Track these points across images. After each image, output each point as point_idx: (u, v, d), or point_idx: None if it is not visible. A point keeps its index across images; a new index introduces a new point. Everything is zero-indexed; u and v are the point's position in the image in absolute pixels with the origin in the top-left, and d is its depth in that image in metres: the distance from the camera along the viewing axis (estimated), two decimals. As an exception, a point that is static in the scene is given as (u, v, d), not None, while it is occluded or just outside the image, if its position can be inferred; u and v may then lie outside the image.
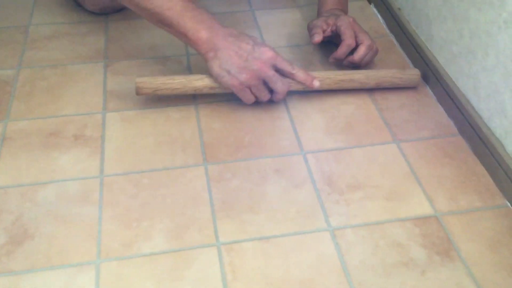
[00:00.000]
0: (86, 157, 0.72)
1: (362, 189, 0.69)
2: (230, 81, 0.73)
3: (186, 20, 0.72)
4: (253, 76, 0.73)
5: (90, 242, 0.62)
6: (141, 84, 0.75)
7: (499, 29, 0.67)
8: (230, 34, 0.74)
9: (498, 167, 0.69)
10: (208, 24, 0.73)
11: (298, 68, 0.76)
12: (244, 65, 0.72)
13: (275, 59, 0.74)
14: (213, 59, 0.73)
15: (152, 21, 0.75)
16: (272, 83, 0.74)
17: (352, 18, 0.86)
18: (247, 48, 0.73)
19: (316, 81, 0.77)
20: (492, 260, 0.61)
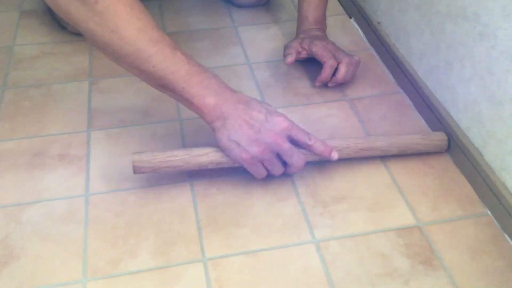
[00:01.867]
0: (71, 176, 0.72)
1: (346, 201, 0.70)
2: (240, 154, 0.64)
3: (191, 85, 0.63)
4: (266, 149, 0.64)
5: (76, 261, 0.62)
6: (139, 163, 0.66)
7: (474, 41, 0.69)
8: (239, 101, 0.65)
9: (477, 176, 0.70)
10: (215, 89, 0.65)
11: (316, 138, 0.68)
12: (256, 137, 0.64)
13: (290, 129, 0.65)
14: (221, 129, 0.64)
15: (153, 84, 0.65)
16: (287, 156, 0.66)
17: (325, 41, 0.88)
18: (259, 118, 0.64)
19: (335, 153, 0.68)
20: (474, 268, 0.62)
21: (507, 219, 0.66)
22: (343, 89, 0.89)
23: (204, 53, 0.96)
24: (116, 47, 0.60)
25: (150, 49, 0.61)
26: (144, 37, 0.60)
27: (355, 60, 0.87)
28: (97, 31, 0.59)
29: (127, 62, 0.62)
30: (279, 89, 0.89)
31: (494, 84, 0.66)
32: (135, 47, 0.60)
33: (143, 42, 0.60)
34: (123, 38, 0.60)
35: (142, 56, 0.61)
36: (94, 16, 0.58)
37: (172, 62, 0.62)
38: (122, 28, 0.59)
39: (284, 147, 0.65)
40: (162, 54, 0.62)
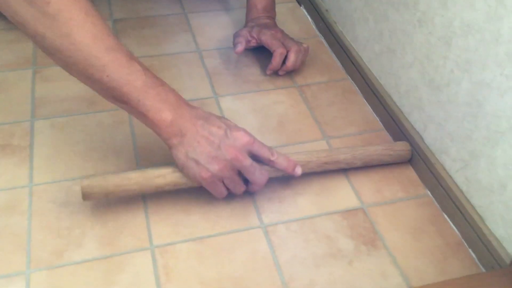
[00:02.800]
0: (14, 167, 0.70)
1: (293, 186, 0.72)
2: (199, 173, 0.61)
3: (147, 97, 0.59)
4: (226, 167, 0.61)
5: (20, 252, 0.61)
6: (88, 189, 0.61)
7: (414, 28, 0.71)
8: (198, 116, 0.62)
9: (418, 159, 0.73)
10: (173, 103, 0.61)
11: (278, 154, 0.65)
12: (215, 154, 0.60)
13: (251, 144, 0.62)
14: (178, 146, 0.61)
15: (106, 95, 0.60)
16: (249, 173, 0.63)
17: (274, 29, 0.89)
18: (219, 133, 0.61)
19: (298, 168, 0.66)
20: (415, 248, 0.65)
21: (446, 200, 0.68)
22: (292, 76, 0.90)
23: (153, 41, 0.95)
24: (67, 53, 0.55)
25: (105, 57, 0.56)
26: (99, 44, 0.56)
27: (304, 47, 0.89)
28: (48, 35, 0.54)
29: (78, 70, 0.57)
30: (229, 76, 0.90)
31: (432, 69, 0.68)
32: (89, 54, 0.56)
33: (97, 49, 0.56)
34: (75, 44, 0.55)
35: (95, 64, 0.56)
36: (45, 19, 0.53)
37: (127, 72, 0.58)
38: (75, 33, 0.54)
39: (246, 164, 0.62)
40: (118, 63, 0.57)
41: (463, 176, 0.66)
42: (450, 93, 0.66)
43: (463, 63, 0.62)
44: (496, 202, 0.61)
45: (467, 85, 0.62)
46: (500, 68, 0.57)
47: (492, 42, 0.57)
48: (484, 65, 0.59)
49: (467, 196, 0.66)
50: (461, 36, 0.62)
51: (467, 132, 0.64)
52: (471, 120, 0.63)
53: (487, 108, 0.60)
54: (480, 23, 0.58)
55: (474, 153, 0.63)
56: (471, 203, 0.65)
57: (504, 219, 0.60)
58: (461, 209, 0.66)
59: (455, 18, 0.62)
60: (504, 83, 0.56)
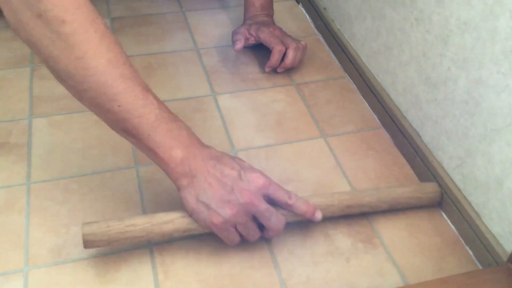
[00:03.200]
0: (12, 165, 0.71)
1: (291, 183, 0.72)
2: (210, 218, 0.56)
3: (159, 133, 0.55)
4: (240, 212, 0.56)
5: (18, 250, 0.61)
6: (90, 237, 0.56)
7: (411, 26, 0.71)
8: (211, 156, 0.58)
9: (416, 157, 0.73)
10: (185, 141, 0.57)
11: (296, 197, 0.60)
12: (228, 198, 0.56)
13: (267, 187, 0.58)
14: (188, 188, 0.56)
15: (115, 127, 0.57)
16: (265, 219, 0.58)
17: (272, 27, 0.89)
18: (232, 175, 0.56)
19: (318, 213, 0.61)
20: (411, 245, 0.65)
21: (443, 197, 0.68)
22: (290, 74, 0.90)
23: (151, 39, 0.95)
24: (79, 79, 0.52)
25: (119, 86, 0.53)
26: (114, 71, 0.53)
27: (302, 45, 0.89)
28: (61, 58, 0.51)
29: (90, 98, 0.54)
30: (227, 74, 0.90)
31: (429, 67, 0.68)
32: (102, 80, 0.52)
33: (111, 76, 0.53)
34: (89, 69, 0.51)
35: (107, 92, 0.53)
36: (59, 40, 0.50)
37: (141, 104, 0.54)
38: (89, 57, 0.51)
39: (261, 208, 0.57)
40: (131, 94, 0.54)
41: (460, 173, 0.66)
42: (447, 91, 0.66)
43: (460, 61, 0.62)
44: (493, 199, 0.61)
45: (463, 83, 0.63)
46: (496, 66, 0.57)
47: (488, 40, 0.57)
48: (480, 63, 0.59)
49: (464, 193, 0.66)
50: (457, 34, 0.62)
51: (464, 130, 0.64)
52: (467, 118, 0.63)
53: (484, 106, 0.60)
54: (477, 21, 0.59)
55: (470, 151, 0.63)
56: (468, 200, 0.65)
57: (501, 216, 0.60)
58: (458, 206, 0.66)
59: (451, 16, 0.63)
60: (500, 81, 0.57)
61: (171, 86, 0.85)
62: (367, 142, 0.78)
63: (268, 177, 0.59)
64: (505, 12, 0.55)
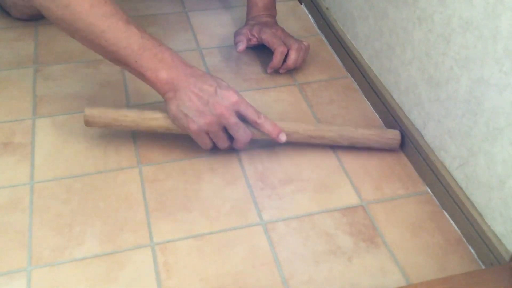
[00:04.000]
0: (15, 165, 0.71)
1: (293, 183, 0.72)
2: (187, 124, 0.66)
3: (144, 59, 0.65)
4: (212, 122, 0.66)
5: (21, 249, 0.62)
6: (91, 118, 0.69)
7: (414, 26, 0.71)
8: (192, 74, 0.67)
9: (418, 156, 0.73)
10: (169, 63, 0.66)
11: (265, 117, 0.69)
12: (203, 109, 0.65)
13: (239, 104, 0.67)
14: (172, 99, 0.66)
15: (109, 58, 0.67)
16: (233, 131, 0.68)
17: (274, 28, 0.89)
18: (209, 90, 0.66)
19: (282, 135, 0.70)
20: (414, 244, 0.65)
21: (446, 196, 0.68)
22: (292, 74, 0.90)
23: (153, 39, 0.95)
24: (69, 22, 0.63)
25: (103, 24, 0.63)
26: (97, 11, 0.62)
27: (305, 45, 0.89)
28: (52, 7, 0.62)
29: (81, 36, 0.64)
30: (229, 74, 0.90)
31: (431, 66, 0.68)
32: (87, 22, 0.62)
33: (95, 16, 0.62)
34: (75, 13, 0.62)
35: (94, 31, 0.63)
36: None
37: (124, 36, 0.64)
38: (74, 4, 0.61)
39: (231, 121, 0.67)
40: (115, 29, 0.63)
41: (463, 173, 0.66)
42: (449, 90, 0.66)
43: (462, 60, 0.62)
44: (495, 198, 0.61)
45: (466, 82, 0.62)
46: (498, 65, 0.57)
47: (490, 39, 0.57)
48: (483, 62, 0.59)
49: (466, 193, 0.66)
50: (460, 33, 0.62)
51: (466, 129, 0.64)
52: (470, 117, 0.63)
53: (486, 105, 0.60)
54: (479, 20, 0.59)
55: (473, 150, 0.63)
56: (470, 200, 0.65)
57: (503, 215, 0.60)
58: (460, 206, 0.66)
59: (454, 15, 0.63)
60: (502, 79, 0.57)
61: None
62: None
63: (242, 96, 0.68)
64: (507, 11, 0.54)
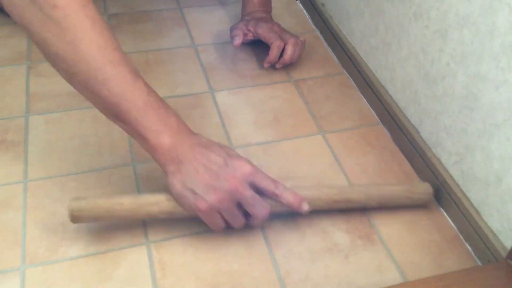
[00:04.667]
0: (8, 163, 0.70)
1: (290, 180, 0.71)
2: (195, 203, 0.56)
3: (147, 118, 0.56)
4: (225, 198, 0.56)
5: (14, 248, 0.61)
6: (77, 213, 0.58)
7: (410, 22, 0.71)
8: (198, 143, 0.58)
9: (415, 153, 0.73)
10: (174, 128, 0.57)
11: (283, 186, 0.60)
12: (214, 184, 0.56)
13: (253, 175, 0.58)
14: (175, 173, 0.56)
15: (105, 112, 0.57)
16: (250, 206, 0.58)
17: (270, 23, 0.88)
18: (219, 161, 0.57)
19: (305, 204, 0.60)
20: (411, 242, 0.65)
21: (442, 193, 0.68)
22: (288, 71, 0.90)
23: (148, 36, 0.95)
24: (70, 62, 0.53)
25: (108, 71, 0.54)
26: (104, 55, 0.53)
27: (301, 40, 0.88)
28: (52, 41, 0.51)
29: (80, 81, 0.54)
30: (224, 71, 0.89)
31: (428, 63, 0.68)
32: (92, 65, 0.53)
33: (101, 60, 0.53)
34: (79, 53, 0.52)
35: (97, 77, 0.53)
36: (50, 24, 0.51)
37: (130, 89, 0.55)
38: (80, 41, 0.52)
39: (246, 195, 0.57)
40: (121, 79, 0.54)
41: (459, 169, 0.66)
42: (446, 87, 0.65)
43: (459, 56, 0.62)
44: (492, 195, 0.61)
45: (462, 78, 0.62)
46: (495, 61, 0.56)
47: (487, 35, 0.57)
48: (479, 58, 0.59)
49: (463, 189, 0.66)
50: (456, 29, 0.62)
51: (463, 126, 0.64)
52: (466, 113, 0.63)
53: (483, 101, 0.59)
54: (475, 15, 0.58)
55: (469, 147, 0.63)
56: (467, 196, 0.65)
57: (500, 212, 0.60)
58: (457, 202, 0.66)
59: (450, 11, 0.62)
60: (499, 75, 0.56)
61: (168, 83, 0.85)
62: (365, 139, 0.78)
63: (255, 165, 0.59)
64: (504, 7, 0.54)
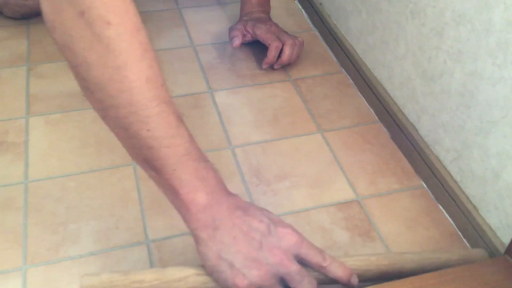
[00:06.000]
0: (9, 164, 0.71)
1: (288, 178, 0.72)
2: (232, 279, 0.47)
3: (185, 170, 0.48)
4: (268, 273, 0.47)
5: (16, 248, 0.61)
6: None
7: (407, 20, 0.71)
8: (237, 206, 0.50)
9: (413, 150, 0.73)
10: (211, 185, 0.50)
11: (331, 259, 0.51)
12: (256, 256, 0.47)
13: (300, 246, 0.50)
14: (209, 241, 0.48)
15: (137, 155, 0.49)
16: (295, 283, 0.49)
17: (268, 23, 0.89)
18: (261, 229, 0.49)
19: (354, 278, 0.52)
20: (409, 238, 0.65)
21: (440, 190, 0.69)
22: (286, 70, 0.90)
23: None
24: (111, 92, 0.45)
25: (153, 108, 0.46)
26: (151, 90, 0.46)
27: (299, 41, 0.89)
28: (96, 65, 0.44)
29: (117, 117, 0.46)
30: (223, 71, 0.90)
31: (425, 60, 0.68)
32: (136, 98, 0.45)
33: (147, 96, 0.46)
34: (125, 82, 0.45)
35: (139, 113, 0.46)
36: (99, 44, 0.43)
37: (172, 133, 0.48)
38: (129, 69, 0.44)
39: (292, 270, 0.48)
40: (164, 120, 0.47)
41: (457, 166, 0.66)
42: (443, 84, 0.66)
43: (455, 53, 0.62)
44: (490, 191, 0.61)
45: (459, 76, 0.63)
46: (491, 58, 0.57)
47: (483, 32, 0.57)
48: (476, 55, 0.59)
49: (461, 186, 0.66)
50: (453, 26, 0.62)
51: (460, 123, 0.64)
52: (464, 111, 0.63)
53: (480, 98, 0.60)
54: (472, 13, 0.59)
55: (467, 143, 0.63)
56: (465, 193, 0.65)
57: (498, 208, 0.60)
58: (455, 199, 0.66)
59: (446, 9, 0.63)
60: (496, 72, 0.57)
61: (168, 83, 0.85)
62: (364, 137, 0.78)
63: (300, 233, 0.51)
64: (500, 4, 0.54)
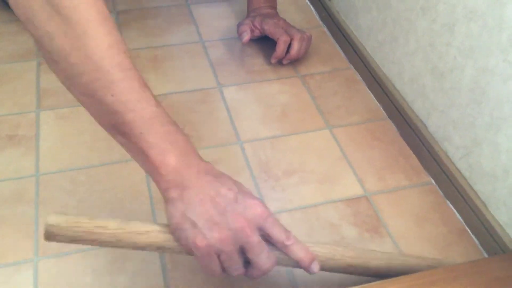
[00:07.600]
0: (20, 157, 0.71)
1: (297, 174, 0.72)
2: (193, 238, 0.47)
3: (153, 133, 0.48)
4: (228, 238, 0.47)
5: (27, 240, 0.62)
6: (54, 229, 0.48)
7: (417, 16, 0.71)
8: (207, 171, 0.50)
9: (422, 147, 0.73)
10: (181, 148, 0.49)
11: (295, 239, 0.51)
12: (218, 220, 0.47)
13: (265, 219, 0.49)
14: (176, 201, 0.48)
15: (104, 121, 0.50)
16: (253, 254, 0.49)
17: (276, 18, 0.89)
18: (229, 196, 0.49)
19: (315, 264, 0.51)
20: (417, 234, 0.65)
21: (449, 187, 0.69)
22: (295, 66, 0.90)
23: (156, 32, 0.96)
24: (74, 60, 0.46)
25: (116, 74, 0.47)
26: (113, 56, 0.47)
27: (307, 35, 0.89)
28: (57, 35, 0.45)
29: (81, 83, 0.47)
30: (232, 67, 0.90)
31: (435, 57, 0.68)
32: (99, 64, 0.46)
33: (110, 61, 0.47)
34: (87, 49, 0.46)
35: (102, 79, 0.46)
36: (58, 15, 0.45)
37: (137, 97, 0.48)
38: (89, 37, 0.46)
39: (252, 240, 0.48)
40: (128, 85, 0.47)
41: (466, 163, 0.66)
42: (454, 80, 0.66)
43: (466, 49, 0.62)
44: (499, 188, 0.61)
45: (470, 72, 0.63)
46: (503, 54, 0.57)
47: (495, 28, 0.57)
48: (487, 51, 0.59)
49: (470, 183, 0.66)
50: (464, 22, 0.62)
51: (470, 119, 0.64)
52: (474, 107, 0.63)
53: (490, 95, 0.60)
54: (483, 9, 0.58)
55: (477, 140, 0.63)
56: (474, 189, 0.65)
57: (507, 205, 0.60)
58: (464, 196, 0.66)
59: (458, 5, 0.62)
60: (507, 69, 0.57)
61: (177, 79, 0.86)
62: (372, 133, 0.78)
63: (268, 209, 0.50)
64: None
